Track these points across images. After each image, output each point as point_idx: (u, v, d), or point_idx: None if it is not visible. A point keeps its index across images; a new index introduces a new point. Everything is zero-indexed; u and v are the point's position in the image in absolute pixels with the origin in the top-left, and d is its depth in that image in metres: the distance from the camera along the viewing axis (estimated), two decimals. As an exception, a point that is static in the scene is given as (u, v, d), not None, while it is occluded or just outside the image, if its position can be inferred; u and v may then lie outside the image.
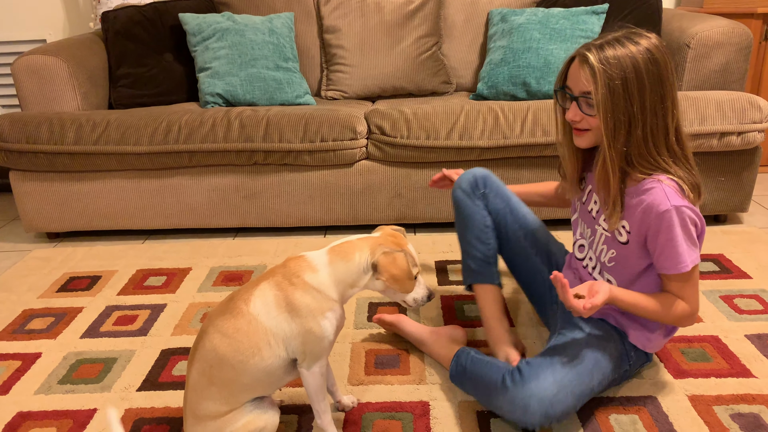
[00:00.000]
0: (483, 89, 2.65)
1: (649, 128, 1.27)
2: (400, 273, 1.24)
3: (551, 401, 1.28)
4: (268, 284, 1.24)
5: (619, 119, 1.26)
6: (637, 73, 1.24)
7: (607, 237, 1.42)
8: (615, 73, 1.24)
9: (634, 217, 1.33)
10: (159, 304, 2.01)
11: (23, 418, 1.51)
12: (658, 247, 1.30)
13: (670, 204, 1.25)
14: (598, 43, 1.28)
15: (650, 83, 1.25)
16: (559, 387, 1.30)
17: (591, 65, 1.25)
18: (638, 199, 1.31)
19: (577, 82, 1.31)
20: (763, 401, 1.47)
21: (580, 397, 1.35)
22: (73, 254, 2.42)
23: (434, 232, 2.50)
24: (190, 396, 1.25)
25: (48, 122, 2.35)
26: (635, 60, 1.24)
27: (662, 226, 1.27)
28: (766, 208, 2.68)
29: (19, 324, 1.93)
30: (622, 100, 1.25)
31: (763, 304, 1.88)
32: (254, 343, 1.21)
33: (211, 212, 2.50)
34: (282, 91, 2.66)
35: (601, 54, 1.25)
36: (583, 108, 1.32)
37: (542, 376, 1.31)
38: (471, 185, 1.69)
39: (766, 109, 2.26)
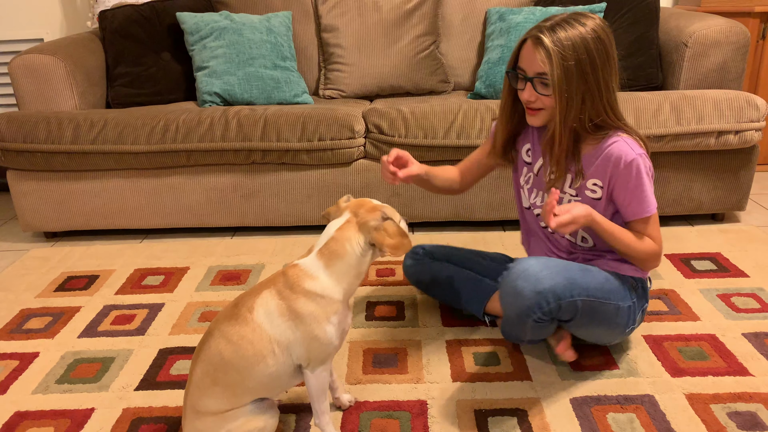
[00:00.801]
0: (481, 88, 2.65)
1: (606, 101, 1.36)
2: (398, 239, 1.24)
3: (537, 277, 1.35)
4: (270, 293, 1.24)
5: (572, 97, 1.33)
6: (589, 53, 1.31)
7: (577, 200, 1.47)
8: (569, 54, 1.30)
9: (603, 173, 1.42)
10: (157, 304, 2.01)
11: (21, 417, 1.51)
12: (629, 195, 1.41)
13: (635, 153, 1.38)
14: (548, 24, 1.33)
15: (600, 61, 1.33)
16: (544, 266, 1.37)
17: (546, 47, 1.31)
18: (604, 155, 1.41)
19: (532, 64, 1.35)
20: (760, 400, 1.47)
21: (570, 280, 1.38)
22: (70, 254, 2.42)
23: (432, 232, 2.50)
24: (193, 392, 1.26)
25: (45, 121, 2.35)
26: (585, 40, 1.31)
27: (631, 174, 1.38)
28: (764, 206, 2.69)
29: (16, 324, 1.93)
30: (575, 79, 1.31)
31: (760, 303, 1.88)
32: (258, 351, 1.22)
33: (209, 211, 2.50)
34: (280, 90, 2.65)
35: (554, 36, 1.31)
36: (537, 88, 1.37)
37: (528, 261, 1.40)
38: (412, 258, 1.85)
39: (763, 108, 2.27)
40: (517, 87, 1.43)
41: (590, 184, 1.45)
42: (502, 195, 2.43)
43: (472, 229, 2.51)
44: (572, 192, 1.49)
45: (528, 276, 1.36)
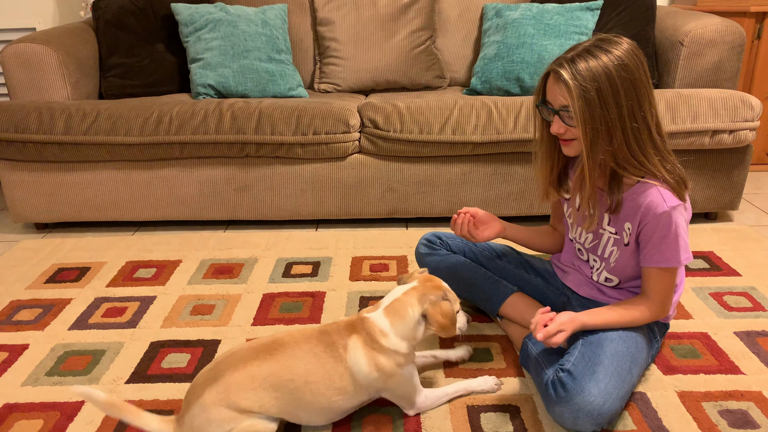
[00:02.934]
0: (476, 84, 2.65)
1: (630, 131, 1.31)
2: (447, 320, 1.34)
3: (599, 412, 1.30)
4: (359, 340, 1.34)
5: (597, 128, 1.30)
6: (611, 81, 1.27)
7: (616, 239, 1.46)
8: (589, 85, 1.27)
9: (634, 216, 1.39)
10: (149, 296, 2.00)
11: (10, 410, 1.50)
12: (651, 244, 1.37)
13: (667, 206, 1.33)
14: (569, 56, 1.31)
15: (624, 90, 1.28)
16: (605, 396, 1.31)
17: (565, 81, 1.29)
18: (636, 202, 1.37)
19: (555, 97, 1.35)
20: (752, 398, 1.47)
21: (625, 398, 1.38)
22: (61, 245, 2.40)
23: (427, 227, 2.50)
24: (240, 380, 1.26)
25: (37, 111, 2.33)
26: (607, 69, 1.27)
27: (658, 225, 1.34)
28: (756, 206, 2.70)
29: (6, 315, 1.91)
30: (598, 110, 1.28)
31: (752, 302, 1.89)
32: (343, 386, 1.32)
33: (202, 204, 2.48)
34: (274, 83, 2.64)
35: (573, 68, 1.29)
36: (565, 120, 1.35)
37: (587, 390, 1.30)
38: (427, 246, 1.84)
39: (757, 108, 2.27)
40: (548, 119, 1.42)
41: (626, 227, 1.42)
42: (496, 192, 2.43)
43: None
44: (612, 230, 1.47)
45: (591, 413, 1.30)
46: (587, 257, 1.58)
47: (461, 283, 1.76)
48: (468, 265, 1.78)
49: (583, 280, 1.61)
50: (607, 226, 1.48)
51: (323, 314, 1.87)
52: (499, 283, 1.74)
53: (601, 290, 1.57)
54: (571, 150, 1.41)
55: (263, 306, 1.92)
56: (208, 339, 1.76)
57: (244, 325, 1.82)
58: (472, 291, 1.77)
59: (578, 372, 1.34)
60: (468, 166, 2.39)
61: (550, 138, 1.46)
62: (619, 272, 1.50)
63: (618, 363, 1.37)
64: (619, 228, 1.44)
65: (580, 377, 1.33)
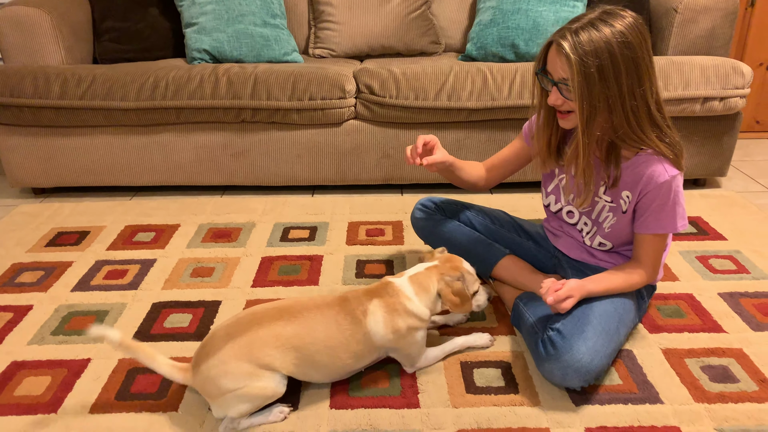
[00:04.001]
0: (472, 50, 2.65)
1: (629, 109, 1.31)
2: (458, 299, 1.43)
3: (587, 369, 1.36)
4: (379, 304, 1.40)
5: (595, 105, 1.29)
6: (612, 58, 1.26)
7: (612, 207, 1.49)
8: (590, 60, 1.26)
9: (634, 188, 1.41)
10: (149, 259, 2.03)
11: (18, 367, 1.54)
12: (649, 212, 1.41)
13: (668, 175, 1.36)
14: (573, 27, 1.29)
15: (625, 68, 1.28)
16: (593, 354, 1.37)
17: (566, 54, 1.27)
18: (636, 172, 1.39)
19: (556, 69, 1.34)
20: (732, 354, 1.54)
21: (612, 355, 1.44)
22: (60, 210, 2.42)
23: (422, 193, 2.54)
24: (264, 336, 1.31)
25: (32, 76, 2.32)
26: (610, 45, 1.26)
27: (658, 194, 1.38)
28: (745, 172, 2.75)
29: (8, 277, 1.94)
30: (597, 87, 1.28)
31: (736, 264, 1.95)
32: (359, 351, 1.39)
33: (199, 170, 2.50)
34: (269, 48, 2.63)
35: (576, 41, 1.27)
36: (563, 93, 1.35)
37: (575, 348, 1.36)
38: (422, 211, 1.87)
39: (748, 75, 2.30)
40: (546, 88, 1.41)
41: (624, 195, 1.45)
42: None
43: (461, 191, 2.54)
44: (607, 198, 1.49)
45: (579, 369, 1.36)
46: (577, 221, 1.61)
47: (455, 246, 1.81)
48: (462, 229, 1.82)
49: (575, 244, 1.66)
50: (603, 195, 1.50)
51: (321, 277, 1.92)
52: (492, 246, 1.79)
53: (593, 254, 1.61)
54: (567, 123, 1.41)
55: (262, 269, 1.97)
56: (209, 300, 1.80)
57: (243, 287, 1.87)
58: (466, 254, 1.81)
59: (567, 331, 1.40)
60: (463, 133, 2.42)
61: (549, 108, 1.46)
62: (614, 238, 1.54)
63: (606, 323, 1.43)
64: (616, 196, 1.47)
65: (569, 336, 1.38)
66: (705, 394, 1.41)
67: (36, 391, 1.46)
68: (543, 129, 1.50)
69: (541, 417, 1.36)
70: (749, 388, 1.43)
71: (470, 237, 1.80)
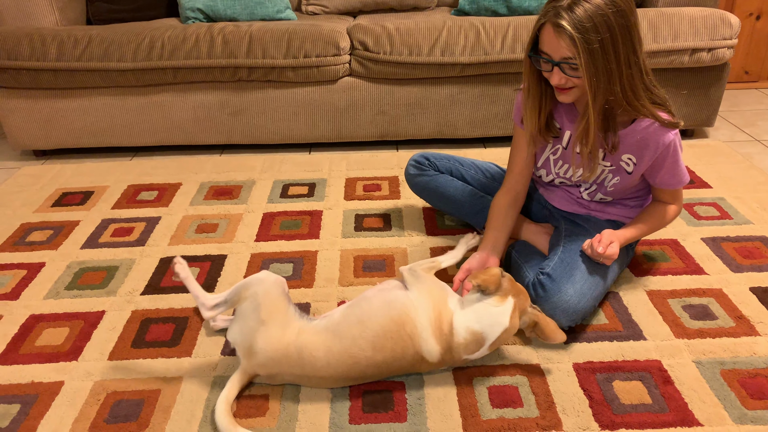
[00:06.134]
0: (464, 4, 2.67)
1: (626, 79, 1.33)
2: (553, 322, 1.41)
3: (574, 310, 1.46)
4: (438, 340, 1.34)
5: (600, 78, 1.30)
6: (611, 31, 1.27)
7: (612, 170, 1.54)
8: (592, 36, 1.26)
9: (639, 152, 1.47)
10: (153, 217, 2.10)
11: (36, 320, 1.62)
12: (664, 170, 1.49)
13: (671, 136, 1.43)
14: (564, 4, 1.28)
15: (622, 38, 1.29)
16: (580, 296, 1.46)
17: (569, 33, 1.26)
18: (641, 137, 1.44)
19: (557, 49, 1.32)
20: (712, 294, 1.64)
21: (599, 298, 1.54)
22: (62, 171, 2.47)
23: (417, 149, 2.59)
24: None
25: (28, 38, 2.33)
26: (607, 17, 1.26)
27: (668, 154, 1.45)
28: (732, 122, 2.81)
29: (18, 237, 2.01)
30: (601, 60, 1.29)
31: (719, 211, 2.03)
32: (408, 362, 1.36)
33: (197, 129, 2.54)
34: (262, 5, 2.64)
35: (574, 17, 1.26)
36: (567, 72, 1.34)
37: (563, 290, 1.46)
38: (415, 167, 1.92)
39: (736, 26, 2.34)
40: (543, 70, 1.40)
41: (625, 157, 1.49)
42: (483, 113, 2.51)
43: (455, 146, 2.60)
44: (607, 163, 1.53)
45: (566, 310, 1.45)
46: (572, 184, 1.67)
47: (449, 200, 1.88)
48: (455, 183, 1.88)
49: (568, 198, 1.71)
50: (601, 161, 1.54)
51: (321, 231, 1.99)
52: (485, 198, 1.85)
53: (586, 206, 1.68)
54: (568, 97, 1.42)
55: (264, 224, 2.04)
56: (215, 254, 1.88)
57: (247, 242, 1.94)
58: (460, 207, 1.89)
59: (557, 275, 1.48)
60: (456, 88, 2.46)
61: (539, 85, 1.47)
62: (616, 194, 1.60)
63: (594, 267, 1.52)
64: (616, 160, 1.52)
65: (559, 279, 1.47)
66: (685, 331, 1.51)
67: (56, 341, 1.54)
68: (534, 108, 1.51)
69: (532, 354, 1.46)
70: (726, 324, 1.53)
71: (463, 191, 1.87)
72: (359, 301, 1.39)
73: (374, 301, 1.37)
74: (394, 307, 1.34)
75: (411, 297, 1.36)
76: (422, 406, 1.33)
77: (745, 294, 1.64)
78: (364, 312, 1.35)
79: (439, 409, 1.32)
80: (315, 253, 1.87)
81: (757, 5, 3.03)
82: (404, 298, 1.36)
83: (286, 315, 1.35)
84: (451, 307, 1.36)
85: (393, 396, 1.35)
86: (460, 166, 1.91)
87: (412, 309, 1.34)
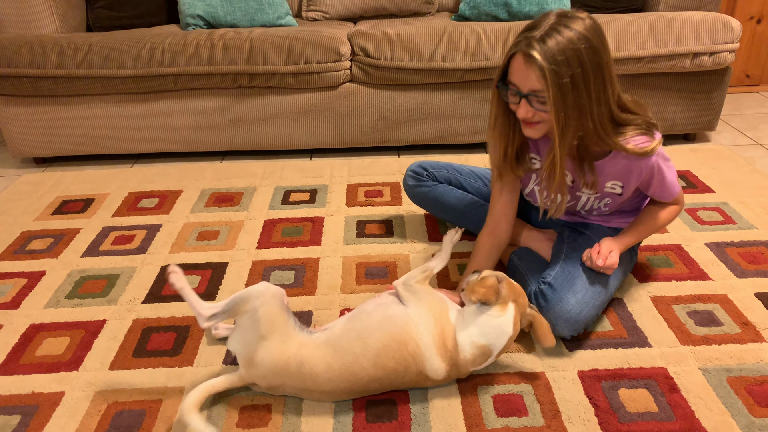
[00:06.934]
0: (465, 10, 2.66)
1: (596, 116, 1.29)
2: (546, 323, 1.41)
3: (576, 319, 1.45)
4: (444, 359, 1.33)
5: (569, 115, 1.26)
6: (582, 66, 1.23)
7: (598, 196, 1.54)
8: (563, 70, 1.22)
9: (624, 177, 1.45)
10: (154, 224, 2.09)
11: (36, 329, 1.61)
12: (653, 187, 1.48)
13: (652, 158, 1.39)
14: (537, 36, 1.23)
15: (593, 74, 1.25)
16: (582, 306, 1.45)
17: (540, 65, 1.22)
18: (621, 165, 1.43)
19: (525, 81, 1.27)
20: (717, 300, 1.63)
21: (601, 306, 1.52)
22: (62, 179, 2.46)
23: (418, 155, 2.58)
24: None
25: (28, 45, 2.33)
26: (579, 52, 1.22)
27: (653, 174, 1.44)
28: (734, 126, 2.80)
29: (19, 245, 2.00)
30: (571, 96, 1.24)
31: (723, 216, 2.02)
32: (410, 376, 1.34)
33: (198, 136, 2.53)
34: (263, 12, 2.64)
35: (545, 48, 1.22)
36: (534, 105, 1.30)
37: (565, 300, 1.44)
38: (413, 178, 1.89)
39: (738, 30, 2.33)
40: (509, 101, 1.35)
41: (609, 184, 1.48)
42: (485, 118, 2.50)
43: (457, 152, 2.60)
44: (590, 192, 1.52)
45: (568, 320, 1.44)
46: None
47: (449, 210, 1.87)
48: (454, 193, 1.87)
49: (567, 211, 1.68)
50: (584, 190, 1.53)
51: (323, 237, 1.98)
52: (484, 207, 1.82)
53: (586, 218, 1.68)
54: (535, 132, 1.37)
55: (266, 231, 2.03)
56: (216, 262, 1.87)
57: (249, 249, 1.93)
58: (461, 217, 1.88)
59: (558, 284, 1.47)
60: (457, 93, 2.45)
61: (506, 118, 1.42)
62: (614, 207, 1.58)
63: (596, 276, 1.51)
64: (600, 189, 1.51)
65: (560, 289, 1.46)
66: (690, 337, 1.50)
67: (56, 351, 1.53)
68: (499, 139, 1.46)
69: (536, 362, 1.45)
70: (732, 330, 1.52)
71: (463, 200, 1.85)
72: (359, 315, 1.37)
73: (374, 315, 1.35)
74: (395, 323, 1.32)
75: (410, 314, 1.33)
76: (426, 416, 1.31)
77: (750, 300, 1.62)
78: (365, 327, 1.33)
79: (443, 418, 1.31)
80: (317, 260, 1.86)
81: (758, 9, 3.03)
82: (404, 315, 1.33)
83: (286, 328, 1.33)
84: (453, 321, 1.34)
85: (397, 406, 1.34)
86: (459, 175, 1.90)
87: (413, 327, 1.31)
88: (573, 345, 1.49)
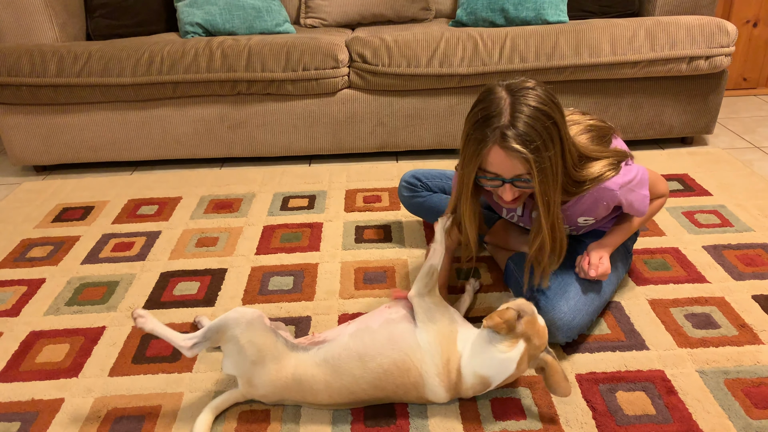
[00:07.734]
0: (462, 15, 2.68)
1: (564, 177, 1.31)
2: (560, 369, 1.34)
3: (569, 326, 1.45)
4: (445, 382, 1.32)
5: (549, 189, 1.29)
6: (554, 143, 1.24)
7: (576, 227, 1.55)
8: (544, 155, 1.23)
9: (593, 212, 1.46)
10: (154, 231, 2.10)
11: (36, 336, 1.62)
12: (626, 209, 1.48)
13: (614, 190, 1.39)
14: (505, 123, 1.22)
15: (561, 144, 1.26)
16: (575, 313, 1.46)
17: (520, 152, 1.22)
18: (589, 203, 1.43)
19: (508, 169, 1.27)
20: (715, 303, 1.63)
21: (595, 312, 1.52)
22: (62, 186, 2.47)
23: (416, 160, 2.59)
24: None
25: (28, 54, 2.34)
26: (549, 130, 1.23)
27: (621, 202, 1.43)
28: (731, 129, 2.81)
29: (19, 252, 2.01)
30: (550, 172, 1.26)
31: (720, 218, 2.03)
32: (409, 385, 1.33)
33: (197, 143, 2.55)
34: (261, 19, 2.65)
35: (518, 132, 1.21)
36: (518, 185, 1.31)
37: (557, 308, 1.45)
38: (408, 188, 1.90)
39: (733, 34, 2.35)
40: (491, 186, 1.35)
41: (581, 219, 1.50)
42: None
43: (455, 157, 2.60)
44: (566, 227, 1.52)
45: (561, 327, 1.44)
46: None
47: None
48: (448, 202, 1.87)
49: None
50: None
51: (322, 243, 1.99)
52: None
53: None
54: (517, 203, 1.40)
55: (264, 237, 2.03)
56: (215, 268, 1.88)
57: (248, 255, 1.94)
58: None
59: (551, 292, 1.48)
60: (455, 99, 2.46)
61: (476, 198, 1.42)
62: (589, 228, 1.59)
63: (589, 283, 1.51)
64: (573, 223, 1.52)
65: (553, 296, 1.47)
66: (688, 340, 1.50)
67: (56, 358, 1.54)
68: (472, 221, 1.44)
69: (535, 366, 1.45)
70: (729, 332, 1.52)
71: None
72: (362, 333, 1.34)
73: (378, 336, 1.33)
74: (399, 348, 1.30)
75: (419, 339, 1.31)
76: (425, 420, 1.32)
77: (747, 302, 1.63)
78: (367, 348, 1.31)
79: (441, 422, 1.31)
80: (315, 266, 1.86)
81: (754, 12, 3.05)
82: (411, 340, 1.31)
83: (276, 350, 1.31)
84: (460, 348, 1.31)
85: (395, 409, 1.35)
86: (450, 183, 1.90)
87: (419, 355, 1.30)
88: (570, 348, 1.49)
